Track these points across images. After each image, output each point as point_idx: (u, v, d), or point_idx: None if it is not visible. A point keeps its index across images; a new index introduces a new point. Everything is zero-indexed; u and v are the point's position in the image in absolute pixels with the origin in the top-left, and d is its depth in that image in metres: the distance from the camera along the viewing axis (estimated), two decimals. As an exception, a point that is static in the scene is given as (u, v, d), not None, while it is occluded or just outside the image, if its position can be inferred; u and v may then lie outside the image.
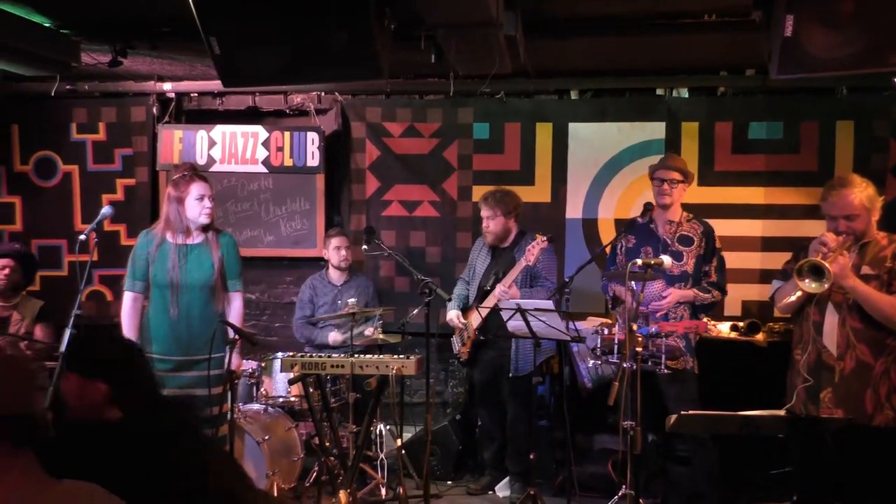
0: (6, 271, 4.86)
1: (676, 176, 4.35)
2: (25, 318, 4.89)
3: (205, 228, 3.97)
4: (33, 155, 5.95)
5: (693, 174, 4.50)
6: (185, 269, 3.88)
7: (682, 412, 3.61)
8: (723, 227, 4.67)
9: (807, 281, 3.19)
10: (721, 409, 3.60)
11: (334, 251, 5.21)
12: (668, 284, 4.28)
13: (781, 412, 3.45)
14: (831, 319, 3.30)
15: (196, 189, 3.90)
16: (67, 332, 3.82)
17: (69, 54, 4.52)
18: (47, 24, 4.37)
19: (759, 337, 4.92)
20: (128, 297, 3.96)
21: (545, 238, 4.49)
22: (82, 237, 4.01)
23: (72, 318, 3.83)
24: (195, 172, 3.98)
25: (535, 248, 4.46)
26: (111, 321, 5.73)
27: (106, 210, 4.16)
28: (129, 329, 3.92)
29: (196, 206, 3.90)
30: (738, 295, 5.09)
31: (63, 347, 3.81)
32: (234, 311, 4.03)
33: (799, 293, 3.32)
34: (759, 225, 5.29)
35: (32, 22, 4.25)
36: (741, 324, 4.98)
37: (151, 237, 3.96)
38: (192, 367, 3.85)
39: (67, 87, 5.71)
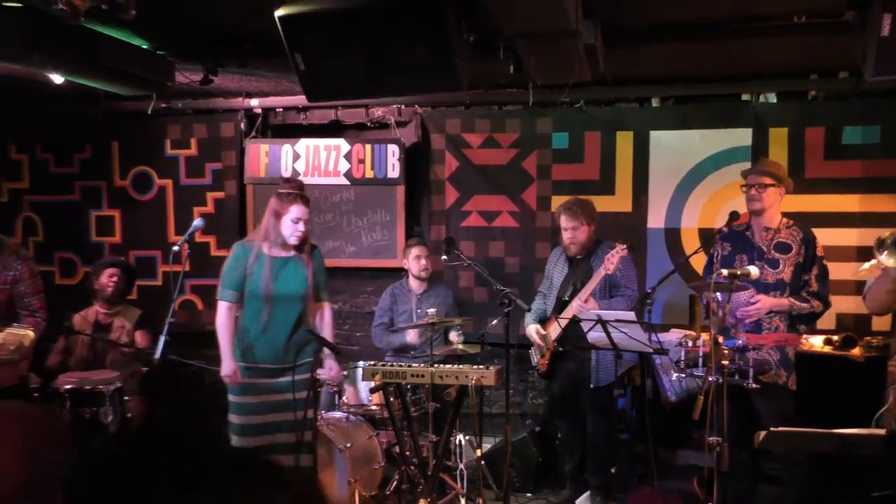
0: (114, 279, 5.13)
1: (766, 180, 4.16)
2: (126, 325, 5.13)
3: (294, 247, 4.02)
4: (131, 170, 6.22)
5: (788, 179, 4.28)
6: (280, 281, 3.95)
7: (772, 429, 3.46)
8: (817, 237, 4.47)
9: (886, 254, 2.99)
10: (815, 427, 3.42)
11: (414, 260, 5.24)
12: (760, 293, 4.09)
13: (880, 431, 3.26)
14: None
15: (295, 210, 3.94)
16: (162, 340, 3.98)
17: (165, 74, 4.69)
18: (145, 47, 4.55)
19: (856, 352, 4.68)
20: (223, 307, 4.01)
21: (624, 246, 4.40)
22: (175, 248, 4.16)
23: (166, 326, 3.99)
24: (300, 193, 3.99)
25: (614, 257, 4.38)
26: (202, 330, 5.95)
27: (198, 222, 4.32)
28: (225, 340, 3.98)
29: (290, 226, 3.95)
30: (832, 307, 4.84)
31: (158, 354, 3.97)
32: (327, 320, 4.13)
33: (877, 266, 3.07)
34: (854, 234, 5.05)
35: (132, 45, 4.44)
36: (835, 338, 4.75)
37: (248, 248, 4.02)
38: (283, 374, 3.94)
39: (162, 105, 5.94)
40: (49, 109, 6.06)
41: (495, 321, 5.18)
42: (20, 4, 3.48)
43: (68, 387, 4.47)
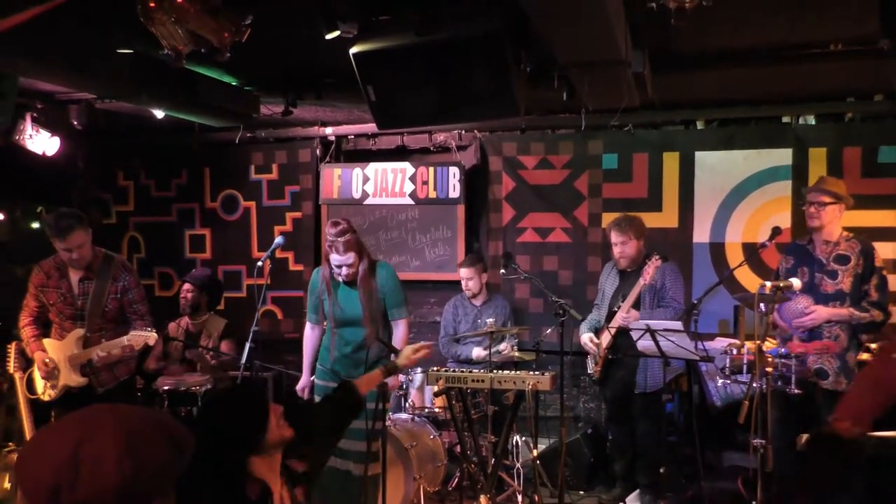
0: (185, 294, 5.30)
1: (825, 199, 4.08)
2: (213, 334, 5.29)
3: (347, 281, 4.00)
4: (220, 193, 6.43)
5: (848, 196, 4.16)
6: (338, 306, 3.99)
7: (812, 432, 3.38)
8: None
9: None
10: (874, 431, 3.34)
11: (463, 281, 5.31)
12: (820, 303, 4.00)
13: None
14: None
15: (334, 259, 3.91)
16: (248, 346, 4.13)
17: (251, 107, 4.89)
18: (234, 83, 4.76)
19: (897, 359, 4.53)
20: (307, 328, 4.20)
21: (658, 257, 4.43)
22: (259, 263, 4.31)
23: (251, 334, 4.14)
24: (333, 241, 3.87)
25: (650, 268, 4.42)
26: (281, 337, 6.12)
27: (279, 240, 4.47)
28: (307, 352, 4.16)
29: (335, 269, 3.95)
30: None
31: (244, 360, 4.12)
32: (399, 336, 4.04)
33: None
34: (891, 247, 4.92)
35: (222, 81, 4.65)
36: (873, 346, 4.62)
37: (319, 275, 4.11)
38: None
39: (248, 134, 6.15)
40: (151, 141, 6.35)
41: (549, 330, 5.20)
42: (131, 51, 3.69)
43: (166, 388, 4.66)
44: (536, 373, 4.06)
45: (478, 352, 5.12)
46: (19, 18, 2.24)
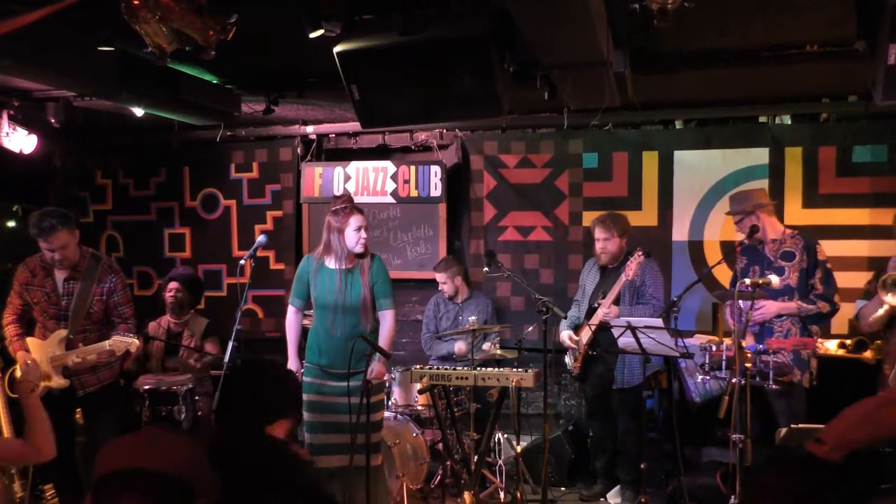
0: (172, 293, 5.24)
1: (736, 217, 4.46)
2: (195, 333, 5.25)
3: (359, 255, 4.09)
4: (200, 192, 6.38)
5: (762, 201, 4.42)
6: (341, 292, 4.01)
7: (793, 426, 3.46)
8: (829, 248, 4.48)
9: (890, 295, 3.08)
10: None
11: (440, 285, 5.35)
12: (769, 299, 4.17)
13: None
14: None
15: (355, 221, 4.01)
16: (231, 345, 4.11)
17: (232, 105, 4.85)
18: (215, 81, 4.72)
19: (868, 354, 4.66)
20: (290, 311, 4.18)
21: (641, 253, 4.48)
22: (242, 262, 4.28)
23: (234, 333, 4.12)
24: (354, 205, 4.06)
25: (632, 263, 4.48)
26: (263, 336, 6.09)
27: (261, 239, 4.42)
28: (291, 336, 4.15)
29: (354, 235, 4.01)
30: (845, 313, 4.81)
31: (227, 359, 4.10)
32: (386, 327, 4.09)
33: (886, 307, 3.19)
34: (865, 245, 5.04)
35: (204, 80, 4.61)
36: (848, 342, 4.73)
37: (312, 261, 4.12)
38: (351, 378, 3.88)
39: (228, 133, 6.11)
40: (130, 139, 6.28)
41: (531, 328, 5.25)
42: (112, 49, 3.65)
43: (147, 387, 4.62)
44: (520, 370, 4.09)
45: (460, 346, 5.14)
46: (23, 21, 2.22)
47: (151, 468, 1.50)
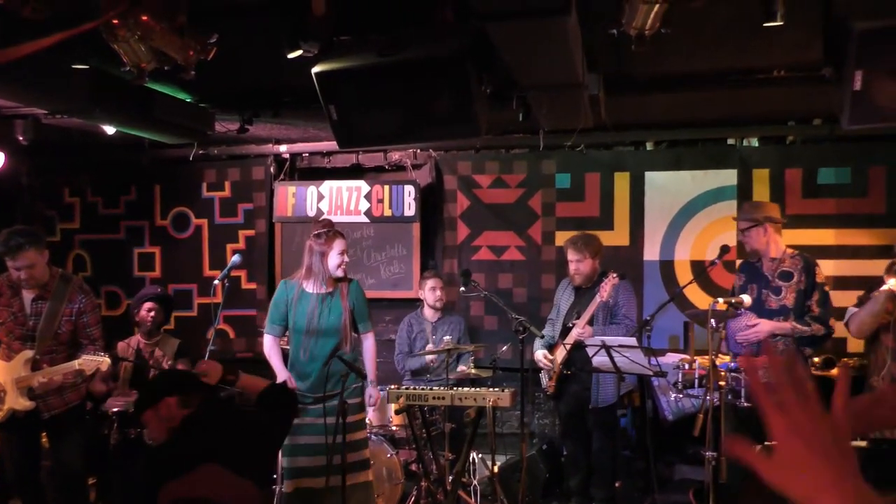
0: (152, 314, 5.13)
1: (743, 225, 4.36)
2: (167, 354, 5.14)
3: (339, 279, 4.06)
4: (171, 211, 6.31)
5: (771, 214, 4.37)
6: (321, 316, 3.97)
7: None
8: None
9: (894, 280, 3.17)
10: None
11: (430, 291, 5.31)
12: (764, 318, 4.16)
13: (861, 443, 3.32)
14: None
15: (339, 245, 4.00)
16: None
17: (206, 124, 4.80)
18: (189, 100, 4.68)
19: (835, 372, 4.74)
20: (268, 339, 4.09)
21: (615, 275, 4.52)
22: (216, 282, 4.22)
23: (207, 354, 4.04)
24: (336, 230, 4.05)
25: (607, 285, 4.50)
26: (234, 356, 6.00)
27: (235, 259, 4.35)
28: (278, 363, 4.04)
29: (337, 259, 3.99)
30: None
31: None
32: (367, 349, 4.11)
33: (886, 288, 3.25)
34: (830, 265, 5.13)
35: (177, 98, 4.57)
36: (816, 359, 4.81)
37: (291, 287, 4.07)
38: (327, 400, 3.87)
39: (200, 151, 6.04)
40: (99, 157, 6.19)
41: (505, 347, 5.25)
42: (87, 66, 3.60)
43: (116, 409, 4.52)
44: (496, 389, 4.09)
45: (431, 357, 5.12)
46: (23, 51, 2.17)
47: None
